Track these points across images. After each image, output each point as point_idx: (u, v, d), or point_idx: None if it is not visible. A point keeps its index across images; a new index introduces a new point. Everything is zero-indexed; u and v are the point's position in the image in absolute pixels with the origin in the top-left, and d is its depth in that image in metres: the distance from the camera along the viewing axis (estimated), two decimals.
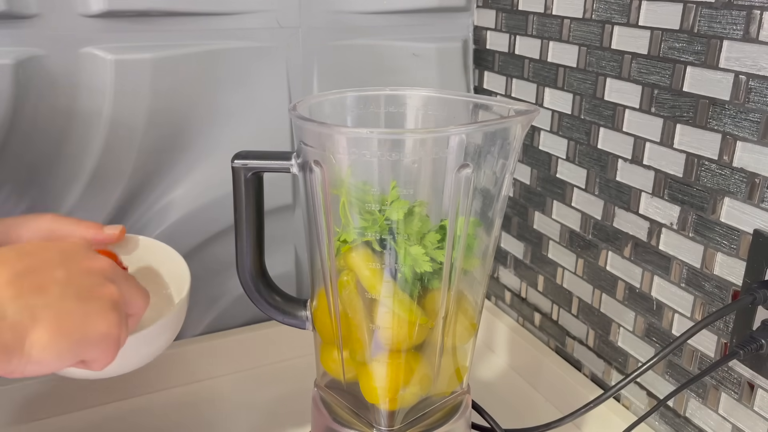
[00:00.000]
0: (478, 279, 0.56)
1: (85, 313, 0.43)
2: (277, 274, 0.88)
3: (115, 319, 0.44)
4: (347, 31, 0.84)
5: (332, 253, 0.52)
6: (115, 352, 0.45)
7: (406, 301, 0.51)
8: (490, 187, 0.52)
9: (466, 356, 0.59)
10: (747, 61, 0.56)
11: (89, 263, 0.46)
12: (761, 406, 0.59)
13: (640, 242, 0.69)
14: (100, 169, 0.74)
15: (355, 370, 0.56)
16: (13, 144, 0.70)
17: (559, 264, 0.82)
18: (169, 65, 0.73)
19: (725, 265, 0.61)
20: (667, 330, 0.68)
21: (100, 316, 0.44)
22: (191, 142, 0.79)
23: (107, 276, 0.46)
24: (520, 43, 0.83)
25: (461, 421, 0.59)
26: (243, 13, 0.77)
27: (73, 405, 0.76)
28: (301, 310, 0.59)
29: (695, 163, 0.62)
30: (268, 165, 0.54)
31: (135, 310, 0.48)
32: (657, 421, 0.70)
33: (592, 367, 0.79)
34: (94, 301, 0.44)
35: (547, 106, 0.80)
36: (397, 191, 0.49)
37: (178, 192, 0.80)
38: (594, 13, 0.71)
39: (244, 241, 0.57)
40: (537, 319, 0.87)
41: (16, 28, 0.67)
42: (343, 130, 0.51)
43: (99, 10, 0.69)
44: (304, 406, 0.64)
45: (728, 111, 0.58)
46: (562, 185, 0.79)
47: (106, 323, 0.44)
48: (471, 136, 0.48)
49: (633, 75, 0.67)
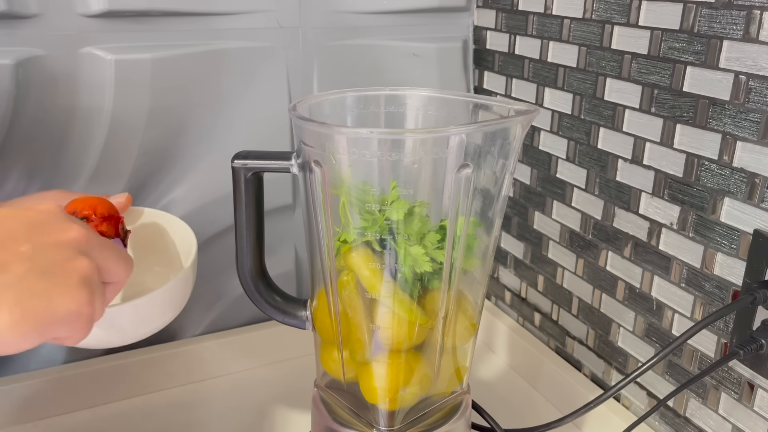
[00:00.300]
0: (478, 279, 0.56)
1: (51, 291, 0.40)
2: (277, 274, 0.88)
3: (85, 296, 0.41)
4: (347, 31, 0.84)
5: (332, 253, 0.52)
6: (86, 329, 0.42)
7: (406, 301, 0.51)
8: (490, 187, 0.52)
9: (466, 356, 0.59)
10: (747, 61, 0.56)
11: (59, 235, 0.42)
12: (761, 406, 0.59)
13: (640, 242, 0.69)
14: (101, 169, 0.74)
15: (355, 370, 0.56)
16: (13, 144, 0.70)
17: (559, 264, 0.82)
18: (169, 65, 0.73)
19: (725, 265, 0.61)
20: (667, 330, 0.68)
21: (67, 293, 0.41)
22: (191, 142, 0.79)
23: (79, 248, 0.43)
24: (520, 43, 0.83)
25: (461, 421, 0.59)
26: (243, 13, 0.77)
27: (74, 405, 0.76)
28: (301, 310, 0.59)
29: (695, 163, 0.62)
30: (268, 165, 0.54)
31: (115, 278, 0.46)
32: (657, 421, 0.70)
33: (592, 367, 0.79)
34: (62, 278, 0.41)
35: (547, 106, 0.80)
36: (397, 191, 0.49)
37: (178, 192, 0.80)
38: (594, 13, 0.71)
39: (244, 241, 0.57)
40: (537, 319, 0.87)
41: (16, 28, 0.67)
42: (343, 130, 0.51)
43: (99, 10, 0.69)
44: (304, 406, 0.64)
45: (728, 111, 0.58)
46: (562, 185, 0.79)
47: (74, 301, 0.41)
48: (471, 136, 0.48)
49: (633, 75, 0.67)
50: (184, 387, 0.82)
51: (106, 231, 0.53)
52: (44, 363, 0.79)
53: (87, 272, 0.42)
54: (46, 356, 0.80)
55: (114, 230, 0.54)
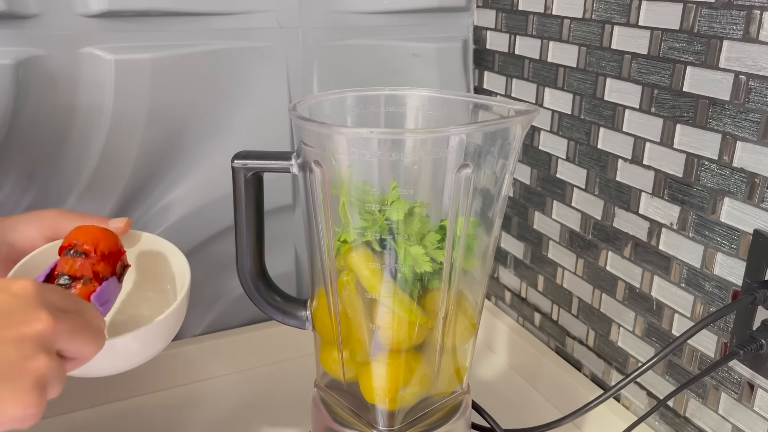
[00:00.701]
0: (478, 279, 0.56)
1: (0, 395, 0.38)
2: (277, 274, 0.88)
3: (34, 399, 0.39)
4: (347, 31, 0.84)
5: (332, 253, 0.52)
6: (29, 424, 0.39)
7: (406, 301, 0.51)
8: (490, 187, 0.52)
9: (466, 356, 0.59)
10: (747, 61, 0.56)
11: (24, 328, 0.39)
12: (761, 406, 0.59)
13: (640, 242, 0.69)
14: (100, 169, 0.74)
15: (355, 371, 0.56)
16: (13, 144, 0.70)
17: (559, 264, 0.82)
18: (169, 65, 0.73)
19: (725, 265, 0.61)
20: (667, 330, 0.68)
21: (17, 398, 0.38)
22: (191, 142, 0.79)
23: (42, 342, 0.40)
24: (520, 43, 0.83)
25: (461, 421, 0.59)
26: (243, 13, 0.77)
27: (74, 405, 0.76)
28: (301, 310, 0.59)
29: (695, 163, 0.62)
30: (268, 165, 0.54)
31: (80, 357, 0.44)
32: (657, 421, 0.70)
33: (592, 367, 0.79)
34: (15, 381, 0.38)
35: (547, 106, 0.80)
36: (397, 191, 0.49)
37: (178, 192, 0.80)
38: (594, 13, 0.71)
39: (244, 241, 0.57)
40: (537, 319, 0.87)
41: (16, 28, 0.67)
42: (343, 130, 0.51)
43: (99, 10, 0.69)
44: (304, 406, 0.64)
45: (728, 111, 0.58)
46: (562, 185, 0.79)
47: (21, 407, 0.38)
48: (471, 136, 0.48)
49: (633, 75, 0.67)
50: (184, 387, 0.81)
51: (101, 271, 0.51)
52: None
53: (43, 372, 0.39)
54: None
55: (111, 270, 0.52)
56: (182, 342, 0.83)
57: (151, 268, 0.60)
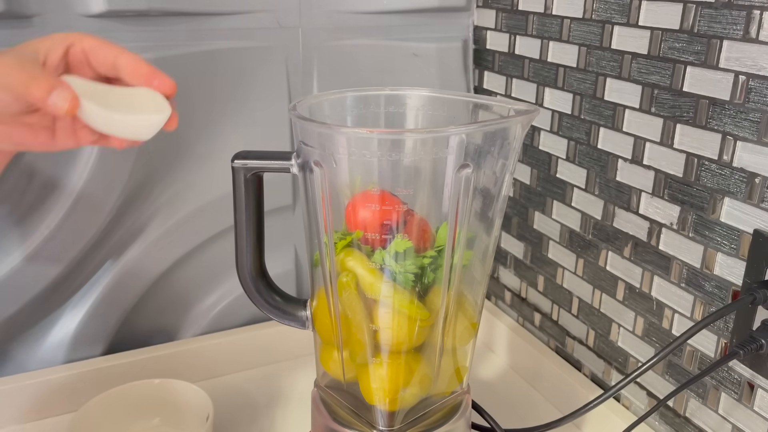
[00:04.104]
0: (478, 279, 0.56)
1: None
2: (277, 274, 0.88)
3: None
4: (347, 31, 0.84)
5: (332, 253, 0.52)
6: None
7: (405, 302, 0.51)
8: (490, 187, 0.52)
9: (466, 356, 0.59)
10: (747, 61, 0.56)
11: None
12: (761, 406, 0.59)
13: (640, 242, 0.69)
14: (100, 169, 0.74)
15: (355, 371, 0.56)
16: None
17: (559, 264, 0.82)
18: (168, 65, 0.73)
19: (725, 265, 0.61)
20: (667, 330, 0.68)
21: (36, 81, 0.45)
22: (191, 142, 0.79)
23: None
24: (520, 43, 0.83)
25: (461, 421, 0.59)
26: (243, 13, 0.77)
27: (74, 405, 0.76)
28: (301, 310, 0.59)
29: (695, 163, 0.62)
30: (268, 165, 0.54)
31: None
32: (657, 421, 0.70)
33: (592, 367, 0.79)
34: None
35: (547, 106, 0.80)
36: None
37: (178, 192, 0.80)
38: (594, 13, 0.71)
39: (244, 241, 0.56)
40: (537, 319, 0.87)
41: (16, 28, 0.67)
42: (343, 130, 0.51)
43: (99, 11, 0.69)
44: (304, 406, 0.64)
45: (728, 111, 0.58)
46: (562, 185, 0.79)
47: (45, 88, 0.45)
48: (471, 136, 0.48)
49: (633, 75, 0.67)
50: None
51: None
52: (44, 363, 0.79)
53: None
54: (46, 356, 0.80)
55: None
56: (182, 342, 0.83)
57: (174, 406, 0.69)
